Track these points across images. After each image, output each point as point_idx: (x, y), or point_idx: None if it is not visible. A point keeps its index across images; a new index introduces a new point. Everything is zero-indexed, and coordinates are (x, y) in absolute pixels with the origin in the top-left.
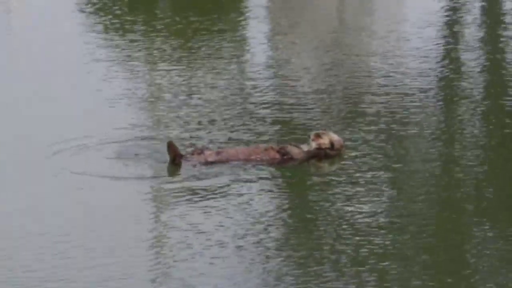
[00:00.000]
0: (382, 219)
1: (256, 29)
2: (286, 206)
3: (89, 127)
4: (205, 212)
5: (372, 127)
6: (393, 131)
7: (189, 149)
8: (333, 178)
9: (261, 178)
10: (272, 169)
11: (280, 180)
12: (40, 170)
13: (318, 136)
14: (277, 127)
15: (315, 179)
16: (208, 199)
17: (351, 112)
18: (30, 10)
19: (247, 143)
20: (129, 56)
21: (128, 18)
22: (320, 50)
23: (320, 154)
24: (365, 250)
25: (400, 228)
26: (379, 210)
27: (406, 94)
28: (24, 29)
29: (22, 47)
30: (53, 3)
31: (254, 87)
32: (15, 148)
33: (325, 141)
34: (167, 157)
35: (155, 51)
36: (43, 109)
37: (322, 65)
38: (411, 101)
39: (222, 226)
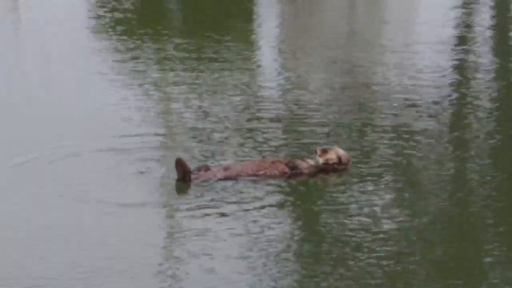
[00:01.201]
0: (394, 235)
1: (266, 44)
2: (301, 222)
3: (92, 134)
4: (219, 231)
5: (383, 142)
6: (404, 148)
7: (196, 166)
8: (342, 193)
9: (272, 194)
10: (282, 183)
11: (291, 195)
12: (40, 176)
13: (324, 151)
14: (285, 142)
15: (326, 193)
16: (221, 217)
17: (360, 127)
18: (37, 15)
19: (255, 157)
20: (137, 67)
21: (137, 25)
22: (330, 65)
23: (328, 169)
24: (380, 271)
25: (410, 243)
26: (391, 226)
27: (417, 110)
28: (31, 33)
29: (30, 52)
30: (61, 8)
31: (264, 101)
32: (17, 150)
33: (332, 156)
34: (175, 174)
35: (164, 62)
36: (45, 112)
37: (332, 80)
38: (422, 117)
39: (237, 245)
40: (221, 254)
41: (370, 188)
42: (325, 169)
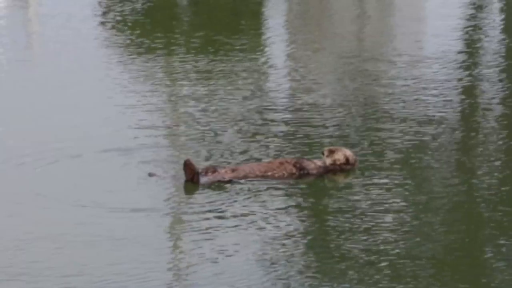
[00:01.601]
0: (405, 238)
1: (275, 49)
2: (312, 225)
3: (99, 136)
4: (230, 235)
5: (392, 145)
6: (413, 152)
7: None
8: (351, 195)
9: (282, 195)
10: (291, 185)
11: (301, 196)
12: (45, 179)
13: (331, 152)
14: (292, 145)
15: (335, 195)
16: (232, 220)
17: (369, 130)
18: (48, 23)
19: (260, 159)
20: (148, 72)
21: (148, 33)
22: (340, 68)
23: (336, 169)
24: (391, 274)
25: (420, 245)
26: (401, 228)
27: (427, 115)
28: (42, 41)
29: (40, 58)
30: (71, 15)
31: (272, 103)
32: (34, 155)
33: (339, 157)
34: (183, 175)
35: (174, 68)
36: (58, 120)
37: (342, 84)
38: (432, 122)
39: (245, 247)
40: (234, 259)
41: (380, 190)
42: (333, 169)
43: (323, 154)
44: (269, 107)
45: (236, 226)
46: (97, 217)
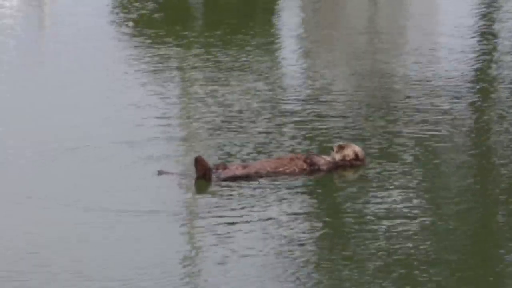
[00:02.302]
0: (415, 239)
1: (288, 46)
2: (322, 226)
3: (107, 132)
4: (242, 234)
5: (403, 144)
6: (423, 153)
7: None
8: (360, 194)
9: (294, 195)
10: (302, 184)
11: (312, 197)
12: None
13: (341, 148)
14: (305, 141)
15: (346, 194)
16: (244, 222)
17: (383, 129)
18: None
19: (270, 155)
20: (160, 69)
21: (162, 31)
22: (353, 68)
23: (346, 165)
24: (397, 275)
25: (434, 248)
26: (411, 228)
27: (439, 115)
28: (44, 45)
29: (54, 59)
30: (87, 17)
31: (284, 100)
32: (41, 154)
33: (349, 152)
34: (193, 172)
35: (187, 66)
36: (58, 120)
37: (355, 84)
38: (444, 122)
39: (258, 249)
40: (247, 262)
41: (393, 193)
42: (342, 165)
43: (332, 149)
44: (282, 104)
45: (249, 228)
46: (101, 218)
